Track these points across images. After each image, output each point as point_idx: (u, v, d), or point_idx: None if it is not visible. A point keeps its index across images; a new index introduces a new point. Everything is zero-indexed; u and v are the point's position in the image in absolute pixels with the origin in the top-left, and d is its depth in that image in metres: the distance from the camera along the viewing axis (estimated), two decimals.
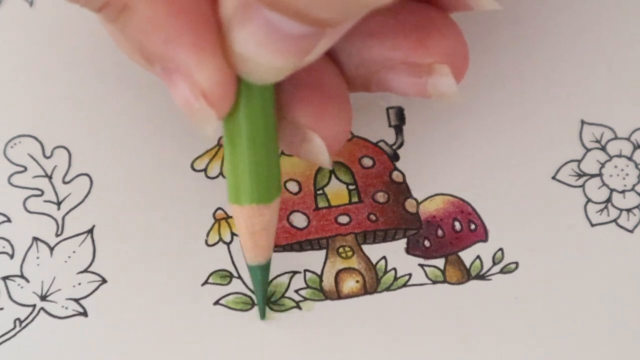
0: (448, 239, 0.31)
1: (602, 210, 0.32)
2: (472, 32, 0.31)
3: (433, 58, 0.27)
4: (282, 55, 0.24)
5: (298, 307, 0.30)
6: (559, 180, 0.32)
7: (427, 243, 0.31)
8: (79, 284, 0.30)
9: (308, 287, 0.30)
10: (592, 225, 0.31)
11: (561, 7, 0.35)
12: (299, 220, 0.31)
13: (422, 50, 0.27)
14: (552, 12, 0.34)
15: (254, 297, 0.30)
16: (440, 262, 0.31)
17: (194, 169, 0.32)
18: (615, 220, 0.31)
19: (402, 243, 0.31)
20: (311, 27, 0.23)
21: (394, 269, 0.31)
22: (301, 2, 0.22)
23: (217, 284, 0.30)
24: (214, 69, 0.24)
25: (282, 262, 0.31)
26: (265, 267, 0.29)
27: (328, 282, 0.30)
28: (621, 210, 0.32)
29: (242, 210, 0.27)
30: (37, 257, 0.31)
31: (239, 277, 0.30)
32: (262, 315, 0.30)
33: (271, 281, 0.30)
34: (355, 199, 0.32)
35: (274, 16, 0.23)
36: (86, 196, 0.32)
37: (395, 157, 0.32)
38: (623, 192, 0.32)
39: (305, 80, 0.27)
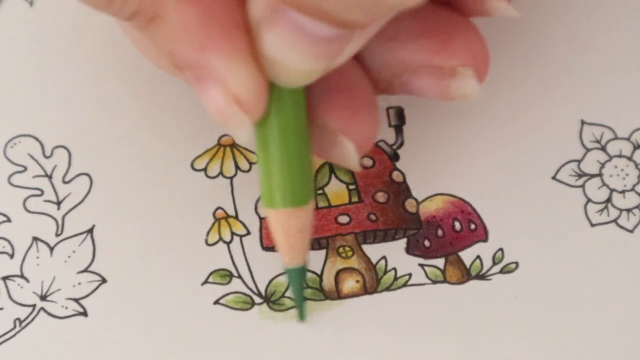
0: (448, 238, 0.31)
1: (602, 210, 0.32)
2: None
3: (456, 61, 0.27)
4: (311, 57, 0.23)
5: None
6: (559, 180, 0.32)
7: (427, 243, 0.31)
8: (79, 283, 0.30)
9: (308, 286, 0.30)
10: (592, 225, 0.31)
11: (561, 8, 0.35)
12: None
13: (446, 53, 0.27)
14: (552, 13, 0.34)
15: (253, 296, 0.30)
16: (440, 262, 0.31)
17: (193, 169, 0.32)
18: (615, 220, 0.31)
19: (402, 243, 0.31)
20: (339, 29, 0.23)
21: (394, 269, 0.31)
22: (328, 4, 0.22)
23: (217, 283, 0.30)
24: (247, 74, 0.24)
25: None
26: (303, 270, 0.28)
27: (328, 282, 0.30)
28: (621, 210, 0.32)
29: (277, 214, 0.27)
30: (37, 257, 0.31)
31: (239, 276, 0.30)
32: (302, 317, 0.30)
33: (271, 281, 0.30)
34: (355, 199, 0.32)
35: (301, 19, 0.23)
36: (86, 196, 0.32)
37: (395, 157, 0.32)
38: (623, 192, 0.32)
39: (334, 84, 0.27)
